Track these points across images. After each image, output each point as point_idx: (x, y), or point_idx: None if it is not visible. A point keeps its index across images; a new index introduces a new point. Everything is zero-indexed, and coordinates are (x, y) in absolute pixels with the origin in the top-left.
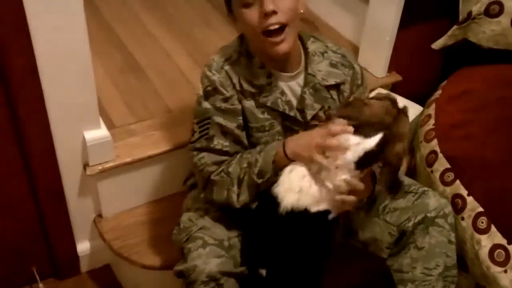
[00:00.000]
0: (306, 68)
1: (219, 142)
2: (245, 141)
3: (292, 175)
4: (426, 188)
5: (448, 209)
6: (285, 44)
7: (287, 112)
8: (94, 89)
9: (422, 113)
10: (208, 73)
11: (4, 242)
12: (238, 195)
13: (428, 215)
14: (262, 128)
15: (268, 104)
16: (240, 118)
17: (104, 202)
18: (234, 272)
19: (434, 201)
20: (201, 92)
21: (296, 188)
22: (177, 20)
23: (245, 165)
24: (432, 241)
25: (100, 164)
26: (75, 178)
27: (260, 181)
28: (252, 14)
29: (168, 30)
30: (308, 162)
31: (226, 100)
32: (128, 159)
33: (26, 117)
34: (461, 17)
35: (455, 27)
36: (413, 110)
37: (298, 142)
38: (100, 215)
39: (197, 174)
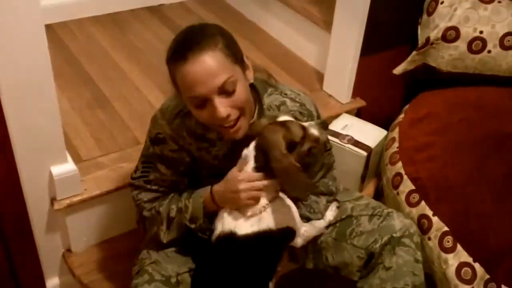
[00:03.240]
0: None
1: (156, 186)
2: (183, 187)
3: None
4: (390, 210)
5: (413, 228)
6: (241, 131)
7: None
8: (59, 124)
9: (386, 136)
10: (161, 121)
11: None
12: (166, 234)
13: (394, 235)
14: (212, 175)
15: (220, 157)
16: (183, 167)
17: (73, 236)
18: None
19: (399, 222)
20: (152, 136)
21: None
22: (144, 54)
23: (174, 209)
24: (399, 260)
25: (68, 198)
26: (42, 213)
27: (193, 226)
28: (205, 114)
29: (136, 64)
30: (235, 207)
31: (174, 151)
32: (96, 192)
33: None
34: (420, 43)
35: (414, 52)
36: (378, 134)
37: (223, 190)
38: (69, 250)
39: (135, 206)
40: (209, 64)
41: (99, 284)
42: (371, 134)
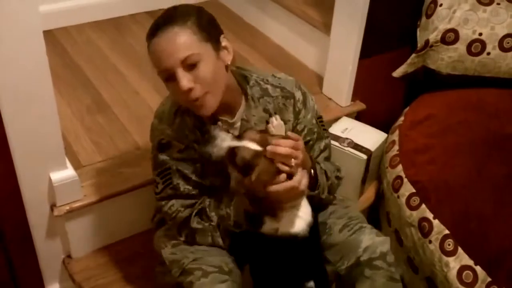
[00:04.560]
0: (242, 113)
1: (185, 188)
2: (200, 187)
3: None
4: (364, 225)
5: (385, 247)
6: (206, 108)
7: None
8: (59, 130)
9: (386, 139)
10: (160, 126)
11: None
12: (223, 239)
13: (361, 259)
14: (219, 172)
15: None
16: (197, 165)
17: (73, 242)
18: None
19: (368, 239)
20: (155, 144)
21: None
22: (144, 58)
23: (217, 217)
24: (375, 285)
25: (67, 204)
26: (42, 219)
27: (238, 230)
28: (174, 87)
29: (136, 68)
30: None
31: (181, 151)
32: (96, 198)
33: None
34: (419, 45)
35: (414, 55)
36: (378, 137)
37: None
38: (69, 256)
39: (169, 221)
40: (173, 38)
41: None
42: (371, 137)
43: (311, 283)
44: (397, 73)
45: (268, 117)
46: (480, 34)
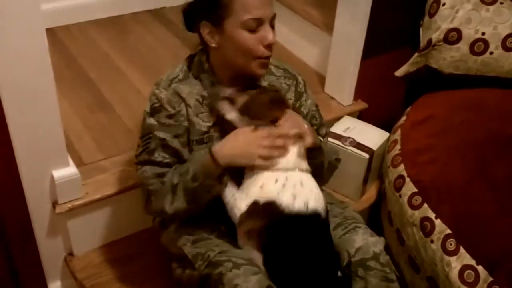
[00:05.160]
0: (247, 87)
1: (160, 155)
2: (185, 156)
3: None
4: (359, 225)
5: (378, 248)
6: (266, 69)
7: (226, 116)
8: (61, 128)
9: (388, 139)
10: (156, 90)
11: None
12: (170, 204)
13: (353, 259)
14: (200, 141)
15: (209, 102)
16: (183, 133)
17: (74, 240)
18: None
19: (361, 240)
20: (148, 109)
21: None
22: (145, 56)
23: (177, 175)
24: (368, 286)
25: (69, 202)
26: (44, 217)
27: (195, 184)
28: (252, 40)
29: (137, 67)
30: (246, 162)
31: (171, 116)
32: (98, 196)
33: None
34: (421, 45)
35: (416, 54)
36: (380, 136)
37: (231, 145)
38: (71, 254)
39: (141, 188)
40: None
41: None
42: (373, 137)
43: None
44: (400, 72)
45: None
46: (483, 33)
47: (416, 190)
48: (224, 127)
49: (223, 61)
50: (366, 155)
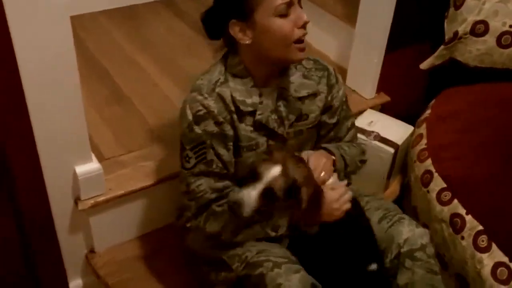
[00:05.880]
0: (279, 82)
1: (218, 166)
2: (232, 168)
3: None
4: (402, 216)
5: (425, 239)
6: (304, 51)
7: (276, 129)
8: (84, 122)
9: (413, 133)
10: (199, 97)
11: None
12: (234, 234)
13: (402, 250)
14: (250, 147)
15: (263, 122)
16: (231, 143)
17: (96, 236)
18: (316, 284)
19: (408, 231)
20: (190, 118)
21: None
22: (160, 48)
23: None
24: (414, 277)
25: (92, 198)
26: (66, 214)
27: (273, 234)
28: (288, 24)
29: (153, 59)
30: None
31: (218, 124)
32: (121, 192)
33: (15, 156)
34: (447, 37)
35: (442, 47)
36: (404, 130)
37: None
38: (92, 251)
39: (189, 201)
40: None
41: (123, 285)
42: (397, 130)
43: (374, 266)
44: (425, 65)
45: (308, 83)
46: (511, 26)
47: (445, 185)
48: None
49: (258, 57)
50: (391, 150)
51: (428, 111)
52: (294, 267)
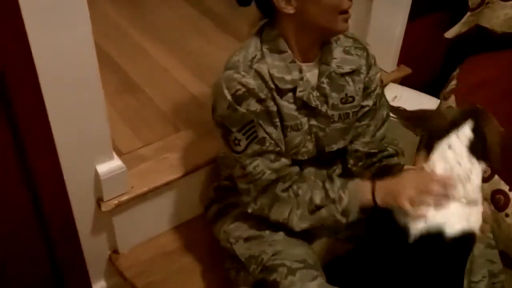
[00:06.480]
0: (320, 57)
1: (270, 143)
2: (283, 146)
3: None
4: None
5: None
6: (348, 23)
7: (319, 107)
8: (105, 118)
9: (440, 106)
10: (236, 75)
11: (16, 285)
12: (300, 220)
13: None
14: (295, 127)
15: (304, 99)
16: (277, 120)
17: (120, 237)
18: None
19: None
20: (229, 98)
21: None
22: (165, 30)
23: (319, 195)
24: (474, 252)
25: (115, 198)
26: (88, 215)
27: (344, 220)
28: None
29: (159, 42)
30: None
31: (260, 101)
32: (145, 189)
33: (35, 158)
34: (471, 4)
35: (468, 13)
36: (431, 103)
37: (388, 190)
38: (115, 251)
39: (247, 184)
40: None
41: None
42: (423, 105)
43: None
44: (450, 33)
45: (350, 58)
46: None
47: None
48: None
49: (301, 28)
50: None
51: (454, 82)
52: (310, 273)
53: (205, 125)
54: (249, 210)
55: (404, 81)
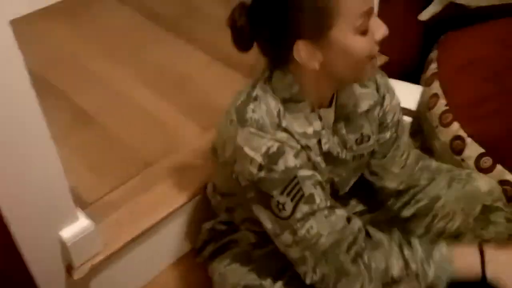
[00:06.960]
0: (336, 98)
1: (321, 199)
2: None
3: None
4: (468, 170)
5: (499, 187)
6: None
7: (340, 155)
8: (63, 175)
9: (424, 93)
10: (264, 134)
11: None
12: None
13: (487, 203)
14: (328, 181)
15: (325, 150)
16: (317, 171)
17: None
18: None
19: (484, 183)
20: (259, 160)
21: None
22: (115, 45)
23: (401, 266)
24: (498, 229)
25: (88, 261)
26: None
27: None
28: (367, 40)
29: (109, 60)
30: None
31: (297, 154)
32: (120, 244)
33: None
34: None
35: None
36: (414, 92)
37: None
38: None
39: (302, 251)
40: None
41: None
42: (407, 94)
43: None
44: (424, 15)
45: (365, 92)
46: None
47: (483, 150)
48: None
49: (323, 78)
50: (409, 119)
51: (434, 65)
52: None
53: (179, 154)
54: (308, 282)
55: (384, 70)
